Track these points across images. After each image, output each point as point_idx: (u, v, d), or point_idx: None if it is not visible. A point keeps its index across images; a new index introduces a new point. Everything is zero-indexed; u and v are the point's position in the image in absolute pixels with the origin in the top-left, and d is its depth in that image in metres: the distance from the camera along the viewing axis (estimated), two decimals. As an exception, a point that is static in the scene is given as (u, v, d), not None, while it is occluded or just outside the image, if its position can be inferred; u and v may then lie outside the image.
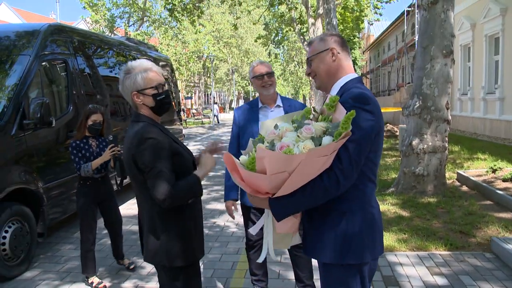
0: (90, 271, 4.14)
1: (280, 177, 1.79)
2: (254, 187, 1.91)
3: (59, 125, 5.28)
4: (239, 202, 3.49)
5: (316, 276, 4.14)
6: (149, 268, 4.57)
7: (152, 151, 2.12)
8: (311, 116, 1.99)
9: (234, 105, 50.84)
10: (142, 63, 2.26)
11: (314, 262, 2.37)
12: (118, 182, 4.52)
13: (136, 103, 2.25)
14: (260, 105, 3.34)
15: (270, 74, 3.25)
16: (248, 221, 3.42)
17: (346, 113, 1.77)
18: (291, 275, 3.95)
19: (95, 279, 4.14)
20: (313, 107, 2.03)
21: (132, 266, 4.50)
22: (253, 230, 2.23)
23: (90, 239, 4.15)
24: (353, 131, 1.78)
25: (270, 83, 3.25)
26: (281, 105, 3.33)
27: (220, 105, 56.86)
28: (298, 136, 1.85)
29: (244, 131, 3.30)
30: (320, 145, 1.78)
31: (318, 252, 2.02)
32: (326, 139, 1.78)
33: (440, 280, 3.95)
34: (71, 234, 5.77)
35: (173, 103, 10.33)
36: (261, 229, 2.21)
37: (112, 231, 4.46)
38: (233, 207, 3.42)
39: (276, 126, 1.99)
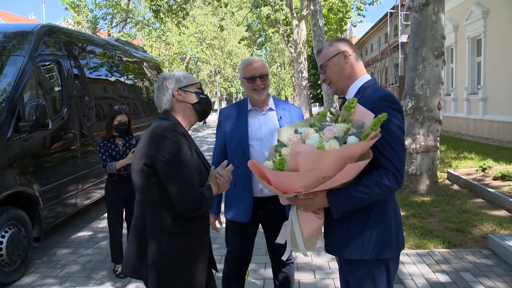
0: (118, 260, 4.37)
1: (312, 174, 1.82)
2: (283, 188, 1.93)
3: (54, 127, 5.18)
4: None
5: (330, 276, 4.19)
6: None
7: (178, 144, 1.97)
8: (328, 119, 2.02)
9: (217, 106, 50.70)
10: (180, 71, 2.30)
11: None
12: None
13: (174, 102, 2.17)
14: (249, 107, 2.91)
15: (264, 76, 2.82)
16: (235, 238, 2.99)
17: (375, 115, 1.81)
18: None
19: (120, 268, 4.34)
20: (329, 110, 2.06)
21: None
22: (281, 239, 2.21)
23: (116, 231, 4.45)
24: (392, 130, 1.89)
25: (263, 87, 2.82)
26: (274, 108, 2.94)
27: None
28: (321, 137, 1.88)
29: (232, 136, 2.88)
30: (345, 143, 1.82)
31: (344, 249, 2.03)
32: (352, 139, 1.82)
33: (442, 277, 4.01)
34: (66, 238, 5.68)
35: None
36: None
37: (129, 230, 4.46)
38: (216, 222, 3.08)
39: (296, 131, 2.03)
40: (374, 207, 1.99)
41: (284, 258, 2.28)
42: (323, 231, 2.15)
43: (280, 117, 2.92)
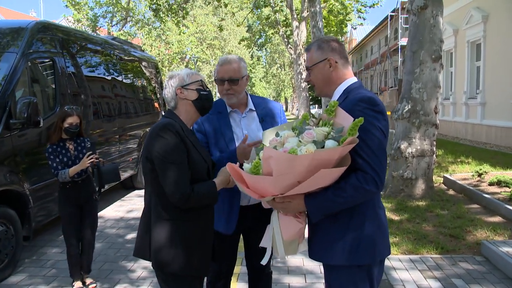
0: (75, 275, 4.04)
1: (285, 178, 1.81)
2: (260, 191, 1.93)
3: (46, 125, 5.13)
4: None
5: (314, 280, 4.14)
6: (140, 272, 4.48)
7: (171, 143, 2.13)
8: (310, 122, 2.01)
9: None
10: (186, 69, 2.40)
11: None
12: (97, 191, 4.27)
13: (177, 100, 2.32)
14: (229, 109, 2.75)
15: (234, 81, 2.62)
16: (218, 250, 2.63)
17: (354, 119, 1.78)
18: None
19: (78, 284, 4.06)
20: (311, 113, 2.06)
21: (92, 286, 4.12)
22: (265, 243, 2.18)
23: (73, 244, 4.01)
24: (372, 132, 1.86)
25: (231, 93, 2.65)
26: (254, 108, 2.79)
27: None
28: (300, 141, 1.87)
29: (217, 140, 2.70)
30: (322, 148, 1.80)
31: (326, 255, 2.01)
32: (330, 143, 1.81)
33: (434, 284, 3.96)
34: (56, 237, 5.63)
35: (157, 104, 10.20)
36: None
37: (85, 238, 4.12)
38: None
39: (277, 134, 2.02)
40: (355, 212, 1.95)
41: (263, 262, 2.23)
42: (306, 236, 2.12)
43: (262, 118, 2.78)
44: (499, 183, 6.78)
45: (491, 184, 6.91)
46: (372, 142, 1.87)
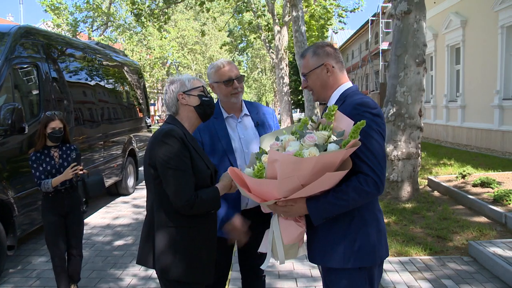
0: (61, 286, 3.89)
1: (290, 181, 1.81)
2: (263, 195, 1.93)
3: (31, 131, 5.03)
4: None
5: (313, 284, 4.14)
6: (129, 279, 4.43)
7: (175, 149, 2.12)
8: (309, 126, 2.02)
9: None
10: (187, 74, 2.41)
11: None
12: (83, 203, 4.16)
13: (179, 106, 2.31)
14: (225, 115, 2.75)
15: (240, 78, 2.70)
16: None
17: (355, 122, 1.81)
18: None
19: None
20: (310, 117, 2.07)
21: None
22: (263, 248, 2.17)
23: (57, 254, 3.84)
24: (371, 135, 1.88)
25: (240, 90, 2.71)
26: (248, 113, 2.83)
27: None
28: (301, 144, 1.88)
29: (214, 149, 2.68)
30: (325, 151, 1.81)
31: (326, 258, 2.01)
32: (332, 146, 1.82)
33: (425, 285, 4.00)
34: (42, 245, 5.52)
35: (139, 110, 10.10)
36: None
37: (72, 247, 3.98)
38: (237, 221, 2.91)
39: (277, 138, 2.03)
40: (356, 215, 1.97)
41: (263, 267, 2.23)
42: (305, 240, 2.11)
43: (257, 122, 2.82)
44: (482, 184, 6.90)
45: (475, 185, 7.02)
46: (372, 145, 1.89)
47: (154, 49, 32.03)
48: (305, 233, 2.12)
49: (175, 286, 2.21)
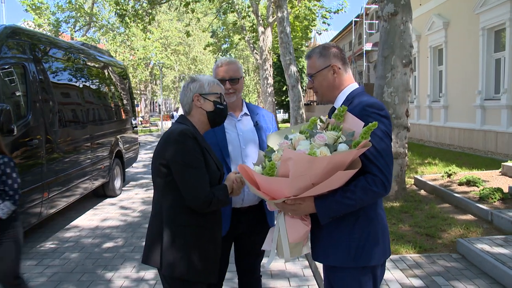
0: None
1: (302, 180, 1.83)
2: (272, 193, 1.94)
3: (18, 133, 4.96)
4: None
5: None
6: (120, 281, 4.40)
7: (190, 148, 2.13)
8: (318, 126, 2.04)
9: (180, 113, 50.09)
10: (209, 76, 2.41)
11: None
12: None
13: (192, 106, 2.32)
14: None
15: (234, 80, 2.75)
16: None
17: (365, 124, 1.84)
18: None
19: None
20: (319, 117, 2.08)
21: None
22: (267, 246, 2.19)
23: None
24: (379, 136, 1.91)
25: (232, 91, 2.75)
26: (248, 113, 2.88)
27: (166, 113, 55.80)
28: (312, 143, 1.89)
29: (210, 141, 2.64)
30: (336, 151, 1.84)
31: (330, 256, 2.03)
32: (343, 146, 1.85)
33: (416, 282, 4.06)
34: (30, 249, 5.45)
35: (123, 110, 10.01)
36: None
37: None
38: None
39: (286, 137, 2.04)
40: (361, 214, 1.99)
41: (267, 265, 2.26)
42: (309, 238, 2.13)
43: (256, 122, 2.85)
44: (468, 183, 7.03)
45: (460, 184, 7.15)
46: (380, 146, 1.92)
47: (137, 50, 31.79)
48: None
49: (181, 285, 2.22)
